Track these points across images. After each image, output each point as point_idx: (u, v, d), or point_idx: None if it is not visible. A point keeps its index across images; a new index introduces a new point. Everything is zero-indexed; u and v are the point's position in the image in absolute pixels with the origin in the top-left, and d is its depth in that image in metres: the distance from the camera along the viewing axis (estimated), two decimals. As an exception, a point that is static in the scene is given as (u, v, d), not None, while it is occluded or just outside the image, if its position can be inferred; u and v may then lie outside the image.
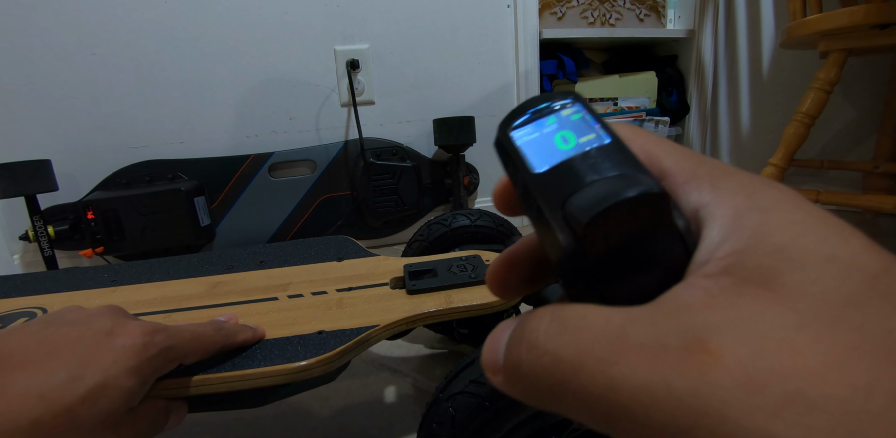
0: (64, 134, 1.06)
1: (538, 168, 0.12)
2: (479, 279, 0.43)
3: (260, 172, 1.12)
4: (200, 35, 1.08)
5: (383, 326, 0.37)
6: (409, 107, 1.24)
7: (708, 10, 1.38)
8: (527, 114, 0.14)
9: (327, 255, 0.51)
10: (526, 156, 0.13)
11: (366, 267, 0.48)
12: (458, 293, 0.42)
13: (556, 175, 0.12)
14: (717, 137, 1.50)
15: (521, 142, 0.13)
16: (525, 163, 0.13)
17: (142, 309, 0.41)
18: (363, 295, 0.42)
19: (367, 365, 0.63)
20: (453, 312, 0.40)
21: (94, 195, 1.02)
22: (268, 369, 0.31)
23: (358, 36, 1.17)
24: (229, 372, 0.30)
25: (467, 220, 0.65)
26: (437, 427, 0.35)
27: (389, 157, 1.16)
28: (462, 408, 0.34)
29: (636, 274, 0.11)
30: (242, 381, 0.31)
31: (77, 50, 1.03)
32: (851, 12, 0.83)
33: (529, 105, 0.14)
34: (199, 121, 1.13)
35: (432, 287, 0.43)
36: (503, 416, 0.34)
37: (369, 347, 0.37)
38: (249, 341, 0.33)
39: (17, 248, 1.08)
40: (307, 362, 0.31)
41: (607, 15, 1.51)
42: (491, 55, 1.27)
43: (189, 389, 0.30)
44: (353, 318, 0.38)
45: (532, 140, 0.13)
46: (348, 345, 0.34)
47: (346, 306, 0.40)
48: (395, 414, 0.53)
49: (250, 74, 1.13)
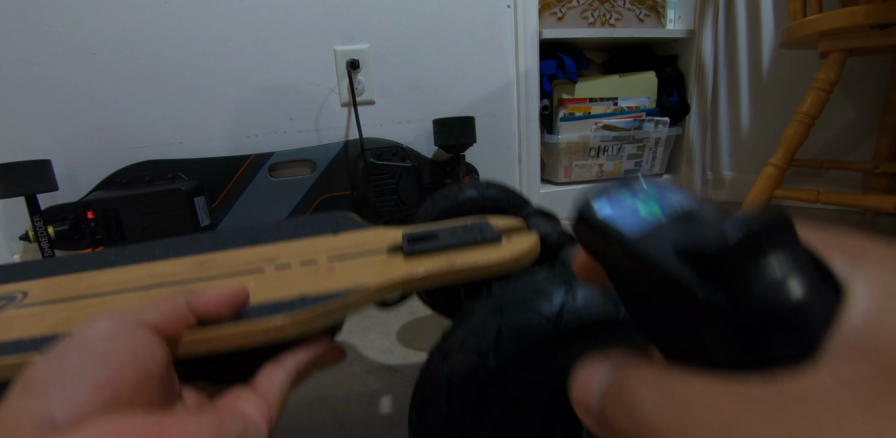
0: (64, 134, 1.06)
1: (635, 233, 0.12)
2: (486, 239, 0.38)
3: (260, 172, 1.12)
4: (200, 35, 1.08)
5: (372, 288, 0.33)
6: (409, 107, 1.24)
7: (708, 10, 1.38)
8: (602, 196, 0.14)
9: (323, 230, 0.47)
10: (617, 226, 0.13)
11: (363, 237, 0.44)
12: (462, 255, 0.37)
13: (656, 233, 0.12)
14: (717, 137, 1.50)
15: (607, 218, 0.13)
16: (619, 232, 0.13)
17: (121, 287, 0.39)
18: (356, 262, 0.38)
19: (367, 365, 0.63)
20: (455, 273, 0.35)
21: (94, 195, 1.02)
22: (235, 329, 0.28)
23: (358, 36, 1.17)
24: (197, 334, 0.27)
25: (475, 192, 0.60)
26: (431, 391, 0.31)
27: (389, 157, 1.16)
28: (460, 366, 0.30)
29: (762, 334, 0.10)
30: (211, 342, 0.28)
31: (77, 50, 1.03)
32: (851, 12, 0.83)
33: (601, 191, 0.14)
34: (200, 121, 1.13)
35: (432, 248, 0.38)
36: (507, 375, 0.30)
37: (357, 310, 0.33)
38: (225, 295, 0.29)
39: (17, 248, 1.08)
40: (281, 321, 0.29)
41: (607, 15, 1.51)
42: (491, 55, 1.27)
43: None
44: (340, 282, 0.34)
45: (617, 215, 0.13)
46: (329, 306, 0.31)
47: (336, 272, 0.36)
48: (395, 414, 0.53)
49: (250, 74, 1.13)
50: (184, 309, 0.27)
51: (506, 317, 0.30)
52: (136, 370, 0.22)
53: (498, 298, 0.32)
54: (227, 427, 0.23)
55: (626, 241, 0.12)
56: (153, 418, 0.22)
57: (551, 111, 1.37)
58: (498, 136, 1.33)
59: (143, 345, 0.24)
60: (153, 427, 0.21)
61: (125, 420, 0.21)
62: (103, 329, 0.23)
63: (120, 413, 0.21)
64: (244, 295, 0.30)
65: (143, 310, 0.26)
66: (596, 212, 0.13)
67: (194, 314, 0.28)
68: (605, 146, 1.37)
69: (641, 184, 0.14)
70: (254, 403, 0.27)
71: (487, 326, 0.30)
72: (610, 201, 0.14)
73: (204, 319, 0.28)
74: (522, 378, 0.30)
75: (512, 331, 0.29)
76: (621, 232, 0.13)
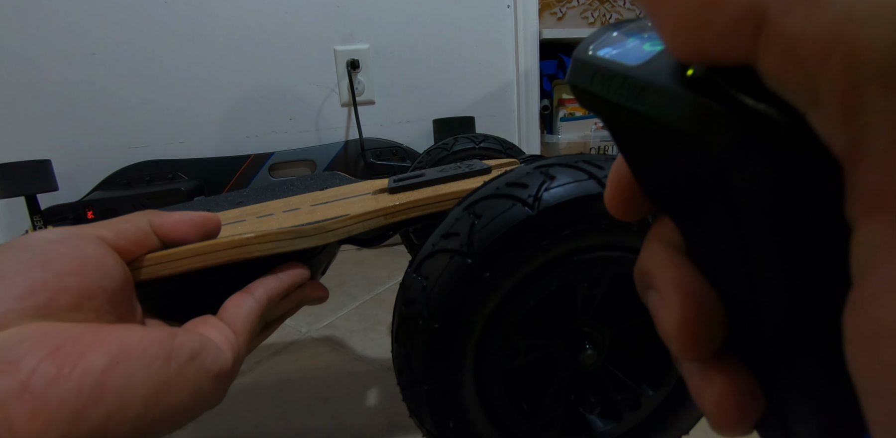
0: (64, 134, 1.06)
1: (633, 60, 0.10)
2: (474, 170, 0.37)
3: (260, 172, 1.12)
4: (200, 35, 1.08)
5: (353, 215, 0.31)
6: (409, 107, 1.24)
7: (708, 10, 1.38)
8: (600, 38, 0.12)
9: (311, 188, 0.46)
10: (617, 60, 0.10)
11: (350, 188, 0.43)
12: (449, 185, 0.35)
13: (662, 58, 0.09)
14: (717, 137, 1.50)
15: (606, 55, 0.11)
16: (619, 64, 0.10)
17: None
18: (339, 203, 0.36)
19: (367, 365, 0.63)
20: (440, 200, 0.33)
21: (94, 195, 1.02)
22: (199, 244, 0.26)
23: (358, 36, 1.17)
24: (158, 253, 0.25)
25: (471, 143, 0.59)
26: (407, 307, 0.28)
27: (389, 157, 1.16)
28: (433, 272, 0.26)
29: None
30: (172, 261, 0.25)
31: (77, 50, 1.03)
32: (851, 12, 0.83)
33: (600, 32, 0.12)
34: (200, 121, 1.13)
35: (418, 182, 0.36)
36: (491, 272, 0.26)
37: (336, 237, 0.30)
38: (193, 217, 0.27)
39: (17, 248, 1.08)
40: (247, 235, 0.26)
41: (607, 15, 1.51)
42: (491, 55, 1.27)
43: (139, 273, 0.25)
44: (320, 216, 0.32)
45: (617, 52, 0.11)
46: (304, 227, 0.28)
47: (318, 212, 0.35)
48: (395, 414, 0.53)
49: (250, 74, 1.13)
50: (146, 229, 0.25)
51: (478, 210, 0.27)
52: (81, 280, 0.20)
53: (468, 197, 0.29)
54: (178, 341, 0.21)
55: (625, 69, 0.10)
56: (88, 325, 0.20)
57: (551, 111, 1.37)
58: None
59: (93, 257, 0.22)
60: (85, 333, 0.19)
61: (57, 325, 0.19)
62: (49, 236, 0.22)
63: (54, 321, 0.19)
64: (215, 222, 0.27)
65: (100, 227, 0.24)
66: (592, 51, 0.11)
67: (159, 237, 0.26)
68: (605, 146, 1.37)
69: (648, 23, 0.11)
70: (216, 328, 0.25)
71: (459, 224, 0.27)
72: (610, 41, 0.11)
73: (168, 243, 0.26)
74: (504, 277, 0.27)
75: (485, 223, 0.26)
76: (619, 62, 0.10)
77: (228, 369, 0.23)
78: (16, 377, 0.16)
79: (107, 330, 0.20)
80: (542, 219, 0.26)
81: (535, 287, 0.28)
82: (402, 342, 0.28)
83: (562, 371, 0.34)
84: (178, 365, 0.20)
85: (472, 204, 0.28)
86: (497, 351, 0.30)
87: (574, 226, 0.27)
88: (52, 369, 0.17)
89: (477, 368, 0.30)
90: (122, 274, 0.23)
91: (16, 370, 0.17)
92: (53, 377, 0.17)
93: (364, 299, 0.85)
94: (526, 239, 0.26)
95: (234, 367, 0.24)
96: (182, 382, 0.20)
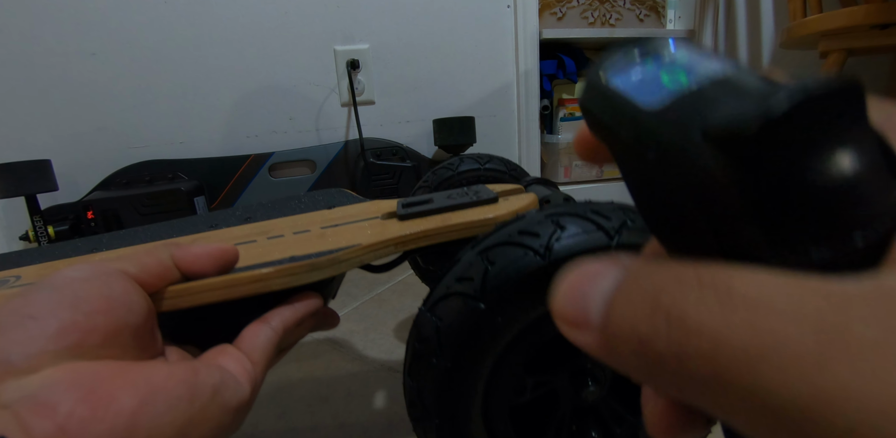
0: (64, 134, 1.06)
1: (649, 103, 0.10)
2: (482, 199, 0.37)
3: (260, 172, 1.12)
4: (200, 35, 1.08)
5: (365, 245, 0.32)
6: (409, 107, 1.24)
7: (708, 10, 1.38)
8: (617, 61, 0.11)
9: (318, 206, 0.46)
10: (631, 96, 0.10)
11: (357, 209, 0.43)
12: (458, 214, 0.36)
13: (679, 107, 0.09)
14: (717, 137, 1.50)
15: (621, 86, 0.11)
16: (631, 103, 0.10)
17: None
18: (350, 228, 0.37)
19: (367, 365, 0.63)
20: (450, 230, 0.34)
21: (94, 195, 1.02)
22: (219, 279, 0.27)
23: (358, 36, 1.17)
24: (180, 286, 0.26)
25: (476, 164, 0.60)
26: (421, 345, 0.29)
27: (389, 157, 1.16)
28: (447, 314, 0.28)
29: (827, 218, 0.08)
30: (194, 294, 0.26)
31: (77, 50, 1.03)
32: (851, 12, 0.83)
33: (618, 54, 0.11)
34: (199, 121, 1.13)
35: (427, 210, 0.37)
36: (502, 317, 0.28)
37: (349, 267, 0.31)
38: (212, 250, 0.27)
39: (17, 248, 1.08)
40: (266, 270, 0.27)
41: (607, 15, 1.51)
42: (491, 55, 1.27)
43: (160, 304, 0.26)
44: (332, 244, 0.33)
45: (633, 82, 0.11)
46: (319, 260, 0.29)
47: (329, 237, 0.36)
48: (395, 414, 0.53)
49: (250, 74, 1.13)
50: (168, 263, 0.26)
51: (491, 257, 0.28)
52: (109, 318, 0.21)
53: (482, 241, 0.30)
54: (201, 378, 0.22)
55: (637, 113, 0.10)
56: (119, 365, 0.20)
57: (551, 111, 1.37)
58: (498, 136, 1.33)
59: (120, 294, 0.22)
60: (116, 373, 0.20)
61: (88, 365, 0.19)
62: (77, 274, 0.22)
63: (86, 361, 0.20)
64: (233, 254, 0.28)
65: (123, 261, 0.24)
66: (605, 78, 0.11)
67: (179, 269, 0.26)
68: (605, 146, 1.37)
69: (669, 46, 0.11)
70: (235, 358, 0.25)
71: (473, 268, 0.28)
72: (625, 67, 0.11)
73: (189, 275, 0.27)
74: (516, 321, 0.28)
75: (499, 270, 0.27)
76: (633, 101, 0.10)
77: (247, 401, 0.24)
78: (53, 420, 0.17)
79: (135, 370, 0.20)
80: (553, 268, 0.27)
81: (543, 329, 0.30)
82: (415, 377, 0.30)
83: (564, 405, 0.34)
84: (202, 403, 0.21)
85: (486, 249, 0.29)
86: (505, 389, 0.31)
87: None
88: (87, 411, 0.18)
89: (485, 404, 0.31)
90: (145, 307, 0.24)
91: (53, 413, 0.17)
92: (88, 419, 0.18)
93: (364, 299, 0.85)
94: (537, 286, 0.27)
95: (252, 397, 0.25)
96: (205, 418, 0.21)
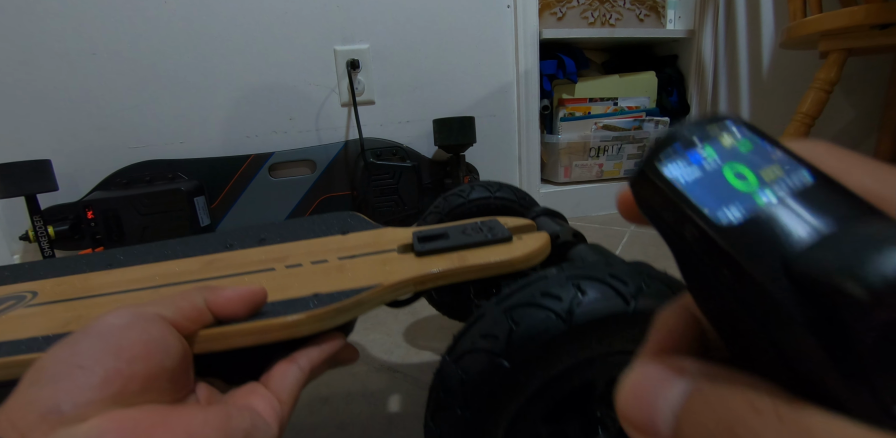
0: (64, 134, 1.06)
1: (722, 217, 0.09)
2: (497, 238, 0.39)
3: (260, 172, 1.12)
4: (200, 35, 1.08)
5: (386, 286, 0.33)
6: (409, 107, 1.24)
7: (708, 10, 1.38)
8: (673, 145, 0.10)
9: (332, 230, 0.47)
10: (694, 198, 0.09)
11: (372, 236, 0.44)
12: (474, 253, 0.37)
13: (756, 229, 0.09)
14: (717, 137, 1.50)
15: (681, 181, 0.10)
16: (696, 208, 0.09)
17: (131, 286, 0.39)
18: (367, 261, 0.38)
19: (367, 365, 0.63)
20: (467, 272, 0.35)
21: (94, 195, 1.02)
22: (251, 325, 0.28)
23: (358, 36, 1.17)
24: (213, 330, 0.27)
25: (486, 191, 0.62)
26: (446, 396, 0.30)
27: (389, 157, 1.16)
28: (472, 368, 0.30)
29: None
30: (227, 338, 0.27)
31: (77, 50, 1.03)
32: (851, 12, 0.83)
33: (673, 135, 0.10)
34: (199, 121, 1.13)
35: (443, 247, 0.38)
36: (524, 374, 0.29)
37: (371, 308, 0.33)
38: (244, 294, 0.29)
39: (17, 248, 1.08)
40: (296, 317, 0.29)
41: (607, 15, 1.51)
42: (491, 55, 1.27)
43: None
44: (353, 281, 0.34)
45: (694, 179, 0.10)
46: (344, 303, 0.31)
47: (348, 270, 0.36)
48: (395, 414, 0.53)
49: (250, 74, 1.13)
50: (202, 306, 0.27)
51: (516, 317, 0.30)
52: (148, 363, 0.22)
53: (507, 298, 0.32)
54: (233, 423, 0.23)
55: (706, 222, 0.09)
56: (159, 412, 0.21)
57: (551, 111, 1.37)
58: (498, 136, 1.33)
59: (158, 339, 0.23)
60: (158, 422, 0.21)
61: (130, 414, 0.20)
62: (118, 321, 0.23)
63: (127, 406, 0.21)
64: (262, 296, 0.30)
65: (160, 305, 0.26)
66: (660, 165, 0.10)
67: (212, 312, 0.28)
68: (605, 146, 1.37)
69: (732, 130, 0.10)
70: (265, 399, 0.26)
71: (498, 327, 0.30)
72: (684, 155, 0.10)
73: (220, 318, 0.28)
74: (536, 378, 0.30)
75: (523, 331, 0.29)
76: (697, 206, 0.09)
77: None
78: None
79: (174, 417, 0.21)
80: (575, 332, 0.29)
81: (561, 384, 0.32)
82: (438, 424, 0.32)
83: None
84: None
85: (510, 308, 0.31)
86: (522, 437, 0.33)
87: (602, 340, 0.30)
88: None
89: None
90: (181, 350, 0.25)
91: None
92: None
93: (364, 299, 0.84)
94: (558, 348, 0.30)
95: (279, 436, 0.26)
96: None
